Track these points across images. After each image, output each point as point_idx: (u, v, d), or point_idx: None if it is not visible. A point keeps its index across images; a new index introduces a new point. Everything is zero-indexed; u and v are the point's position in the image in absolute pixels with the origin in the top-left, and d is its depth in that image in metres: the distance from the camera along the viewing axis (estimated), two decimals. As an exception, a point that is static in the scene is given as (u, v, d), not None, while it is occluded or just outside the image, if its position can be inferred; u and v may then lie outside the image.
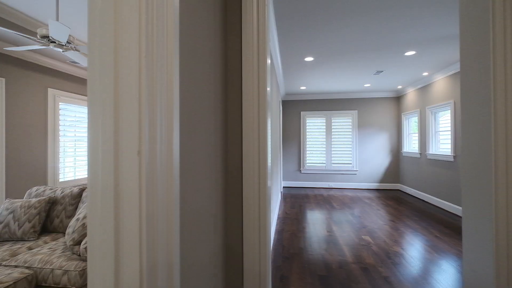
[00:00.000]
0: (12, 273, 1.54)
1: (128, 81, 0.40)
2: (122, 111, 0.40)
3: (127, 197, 0.40)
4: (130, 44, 0.40)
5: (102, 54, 0.40)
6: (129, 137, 0.39)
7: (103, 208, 0.41)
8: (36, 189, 2.45)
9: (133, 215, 0.39)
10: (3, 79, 3.28)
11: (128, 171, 0.39)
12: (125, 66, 0.40)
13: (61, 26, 1.83)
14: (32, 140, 3.66)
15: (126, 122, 0.40)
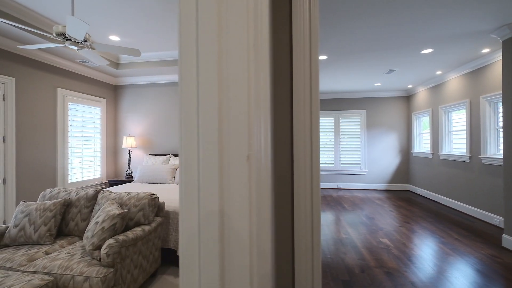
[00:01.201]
0: (32, 280, 1.47)
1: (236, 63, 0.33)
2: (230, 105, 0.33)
3: (235, 214, 0.33)
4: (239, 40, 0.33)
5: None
6: (237, 138, 0.32)
7: (206, 229, 0.34)
8: (50, 191, 2.39)
9: (243, 238, 0.32)
10: (13, 78, 3.22)
11: (236, 180, 0.32)
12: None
13: (80, 22, 1.77)
14: (41, 140, 3.60)
15: (235, 121, 0.33)
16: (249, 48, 0.33)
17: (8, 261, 1.75)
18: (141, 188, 3.46)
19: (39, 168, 3.55)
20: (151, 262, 2.12)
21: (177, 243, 2.41)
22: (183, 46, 0.35)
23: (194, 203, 0.34)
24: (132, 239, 1.87)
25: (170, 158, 4.43)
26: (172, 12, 2.93)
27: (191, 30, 0.34)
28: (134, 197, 2.21)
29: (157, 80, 4.82)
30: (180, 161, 0.35)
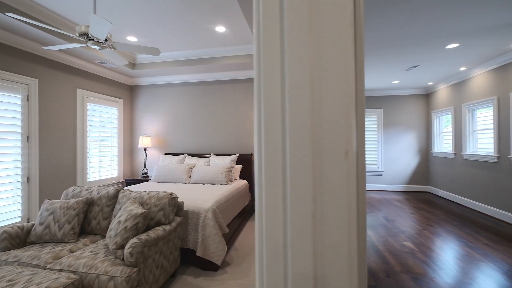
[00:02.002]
0: (59, 278, 1.48)
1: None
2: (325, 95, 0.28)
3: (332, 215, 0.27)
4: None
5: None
6: (335, 132, 0.27)
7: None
8: (73, 189, 2.42)
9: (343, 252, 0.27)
10: (36, 79, 3.31)
11: (333, 178, 0.27)
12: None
13: (103, 21, 1.77)
14: (62, 140, 3.69)
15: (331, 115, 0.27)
16: (347, 25, 0.28)
17: (35, 258, 1.78)
18: (158, 187, 3.47)
19: (60, 167, 3.63)
20: (171, 262, 2.11)
21: (196, 243, 2.39)
22: (265, 27, 0.30)
23: (278, 207, 0.29)
24: (154, 239, 1.86)
25: (185, 158, 4.44)
26: (193, 11, 2.92)
27: (274, 14, 0.29)
28: (155, 196, 2.21)
29: (172, 80, 4.85)
30: (259, 161, 0.30)
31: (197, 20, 3.15)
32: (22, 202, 3.11)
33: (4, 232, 1.91)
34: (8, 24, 2.71)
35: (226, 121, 4.65)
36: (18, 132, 3.08)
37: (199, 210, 2.47)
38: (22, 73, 3.14)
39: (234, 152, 4.60)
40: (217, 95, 4.70)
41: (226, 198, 3.01)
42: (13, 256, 1.81)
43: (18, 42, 3.05)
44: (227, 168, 3.83)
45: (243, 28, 3.39)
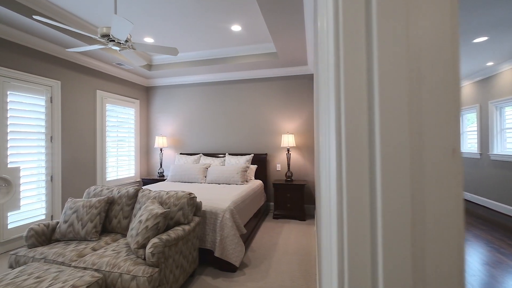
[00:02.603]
0: (83, 276, 1.49)
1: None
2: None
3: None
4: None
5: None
6: (441, 127, 0.22)
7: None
8: (94, 188, 2.47)
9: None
10: (59, 81, 3.41)
11: (437, 179, 0.22)
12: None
13: (124, 21, 1.78)
14: (83, 140, 3.79)
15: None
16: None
17: (60, 255, 1.81)
18: (174, 187, 3.50)
19: (80, 166, 3.73)
20: (190, 262, 2.10)
21: (214, 244, 2.38)
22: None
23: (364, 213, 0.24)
24: (174, 239, 1.85)
25: (201, 158, 4.46)
26: (210, 10, 2.91)
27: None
28: (173, 196, 2.21)
29: (187, 80, 4.89)
30: (338, 162, 0.26)
31: (214, 20, 3.14)
32: (46, 200, 3.22)
33: (31, 230, 1.97)
34: (34, 28, 2.81)
35: (241, 121, 4.63)
36: (42, 132, 3.19)
37: (217, 210, 2.45)
38: (46, 75, 3.25)
39: (249, 152, 4.57)
40: (232, 94, 4.69)
41: (243, 199, 2.98)
42: (39, 253, 1.86)
43: (42, 46, 3.16)
44: (242, 168, 3.80)
45: (259, 27, 3.35)
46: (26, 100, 3.01)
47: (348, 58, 0.25)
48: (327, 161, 0.31)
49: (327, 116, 0.30)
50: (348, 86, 0.25)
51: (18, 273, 1.53)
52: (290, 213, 3.94)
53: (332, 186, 0.27)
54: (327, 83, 0.30)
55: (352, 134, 0.25)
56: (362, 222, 0.25)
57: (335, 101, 0.26)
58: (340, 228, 0.26)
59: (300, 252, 2.76)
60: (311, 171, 4.30)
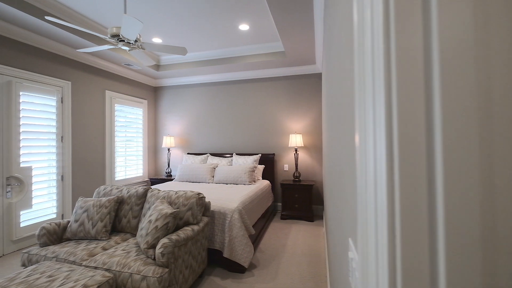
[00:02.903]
0: (94, 276, 1.49)
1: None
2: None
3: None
4: None
5: None
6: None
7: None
8: (104, 187, 2.49)
9: None
10: (69, 82, 3.45)
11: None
12: None
13: (134, 21, 1.78)
14: (92, 140, 3.83)
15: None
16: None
17: (71, 254, 1.82)
18: (182, 186, 3.50)
19: (90, 166, 3.77)
20: (199, 263, 2.09)
21: (223, 244, 2.36)
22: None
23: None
24: (184, 239, 1.84)
25: (208, 157, 4.46)
26: (218, 9, 2.89)
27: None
28: (182, 196, 2.20)
29: (195, 80, 4.90)
30: (389, 166, 0.23)
31: (222, 19, 3.12)
32: (57, 199, 3.26)
33: (43, 228, 1.99)
34: (45, 29, 2.85)
35: (248, 121, 4.61)
36: (53, 132, 3.24)
37: (225, 210, 2.43)
38: (57, 76, 3.29)
39: (256, 152, 4.55)
40: (239, 94, 4.68)
41: (251, 199, 2.96)
42: (51, 251, 1.88)
43: (53, 47, 3.20)
44: (250, 168, 3.78)
45: (267, 26, 3.32)
46: (37, 100, 3.06)
47: (401, 33, 0.22)
48: (366, 162, 0.28)
49: (368, 112, 0.27)
50: (401, 79, 0.22)
51: (31, 271, 1.54)
52: (298, 213, 3.90)
53: (380, 190, 0.25)
54: (370, 76, 0.27)
55: (407, 130, 0.22)
56: (419, 233, 0.22)
57: (384, 95, 0.24)
58: (392, 241, 0.24)
59: (309, 253, 2.72)
60: (319, 171, 4.25)
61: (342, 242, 0.71)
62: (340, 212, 0.79)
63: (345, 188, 0.67)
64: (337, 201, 0.96)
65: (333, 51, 1.04)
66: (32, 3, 2.56)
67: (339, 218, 0.79)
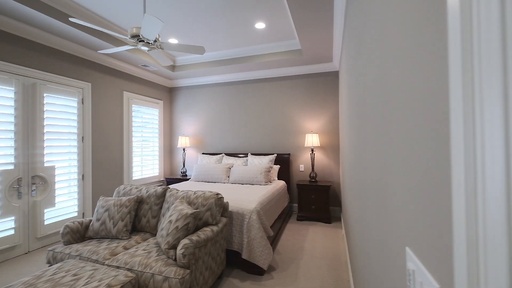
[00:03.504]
0: (117, 276, 1.49)
1: None
2: None
3: None
4: None
5: None
6: None
7: None
8: (124, 187, 2.51)
9: None
10: (90, 83, 3.53)
11: None
12: None
13: (155, 20, 1.78)
14: (111, 140, 3.91)
15: None
16: None
17: (94, 253, 1.84)
18: (198, 186, 3.50)
19: (108, 165, 3.85)
20: (218, 264, 2.06)
21: (241, 245, 2.33)
22: None
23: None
24: (204, 240, 1.82)
25: (223, 157, 4.45)
26: (235, 8, 2.87)
27: None
28: (201, 196, 2.18)
29: (209, 80, 4.91)
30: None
31: (238, 17, 3.10)
32: (78, 198, 3.34)
33: (66, 227, 2.03)
34: (67, 32, 2.92)
35: (263, 121, 4.56)
36: (74, 133, 3.32)
37: (243, 211, 2.40)
38: (78, 77, 3.38)
39: (271, 152, 4.50)
40: (253, 94, 4.64)
41: (268, 200, 2.91)
42: (75, 250, 1.91)
43: (74, 49, 3.28)
44: (266, 168, 3.73)
45: (283, 23, 3.26)
46: (59, 101, 3.15)
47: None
48: (484, 165, 0.23)
49: (483, 105, 0.22)
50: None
51: (56, 269, 1.57)
52: (315, 215, 3.81)
53: (499, 191, 0.19)
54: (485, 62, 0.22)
55: None
56: None
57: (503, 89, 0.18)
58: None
59: (328, 256, 2.64)
60: (336, 172, 4.14)
61: (392, 249, 0.65)
62: (385, 217, 0.72)
63: (395, 192, 0.61)
64: (376, 204, 0.90)
65: (372, 44, 0.97)
66: (56, 7, 2.62)
67: (386, 224, 0.72)
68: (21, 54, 2.76)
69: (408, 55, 0.50)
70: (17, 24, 2.65)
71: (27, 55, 2.81)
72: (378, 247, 0.84)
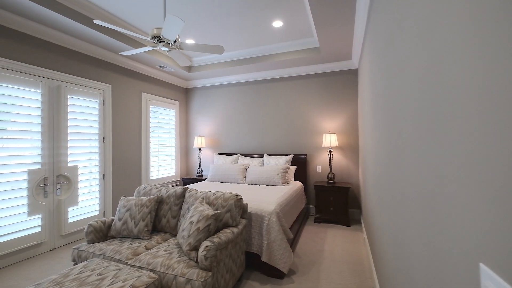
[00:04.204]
0: (141, 277, 1.49)
1: None
2: None
3: None
4: None
5: None
6: None
7: None
8: (144, 187, 2.54)
9: None
10: (110, 85, 3.61)
11: None
12: None
13: (177, 19, 1.77)
14: (130, 140, 3.98)
15: None
16: None
17: (117, 253, 1.86)
18: (216, 187, 3.49)
19: (128, 165, 3.93)
20: (238, 266, 2.03)
21: (260, 248, 2.28)
22: None
23: None
24: (225, 242, 1.79)
25: (239, 158, 4.43)
26: (254, 7, 2.83)
27: None
28: (221, 197, 2.16)
29: (225, 80, 4.90)
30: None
31: (255, 16, 3.06)
32: (99, 197, 3.43)
33: (90, 226, 2.06)
34: (89, 35, 3.00)
35: (279, 121, 4.50)
36: (96, 133, 3.40)
37: (263, 213, 2.35)
38: (99, 79, 3.46)
39: (288, 152, 4.43)
40: (269, 94, 4.59)
41: (287, 201, 2.85)
42: (98, 249, 1.93)
43: (96, 52, 3.37)
44: (283, 169, 3.67)
45: (301, 21, 3.19)
46: (82, 103, 3.24)
47: None
48: None
49: None
50: None
51: (82, 268, 1.59)
52: (333, 217, 3.70)
53: None
54: None
55: None
56: None
57: None
58: None
59: (350, 261, 2.54)
60: (355, 173, 4.01)
61: (456, 265, 0.58)
62: (443, 230, 0.65)
63: (460, 202, 0.54)
64: (425, 215, 0.82)
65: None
66: (80, 11, 2.69)
67: (442, 237, 0.65)
68: (47, 57, 2.86)
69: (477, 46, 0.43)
70: (42, 28, 2.74)
71: (52, 58, 2.91)
72: (429, 262, 0.76)
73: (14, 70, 2.56)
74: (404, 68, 1.00)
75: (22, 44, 2.64)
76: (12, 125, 2.54)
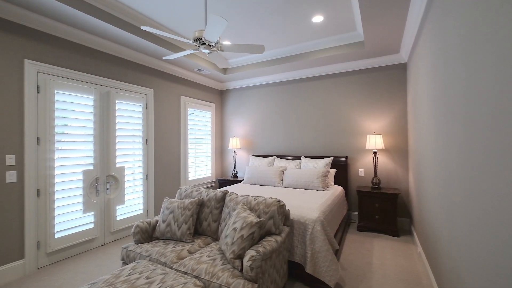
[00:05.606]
0: (187, 284, 1.46)
1: None
2: None
3: None
4: None
5: None
6: None
7: None
8: (185, 189, 2.56)
9: None
10: (152, 89, 3.77)
11: None
12: None
13: (220, 19, 1.72)
14: (170, 142, 4.11)
15: None
16: None
17: (162, 255, 1.88)
18: (252, 189, 3.43)
19: (168, 166, 4.06)
20: (281, 277, 1.92)
21: (304, 258, 2.14)
22: None
23: None
24: (270, 252, 1.69)
25: (275, 160, 4.32)
26: (293, 2, 2.70)
27: None
28: (262, 202, 2.07)
29: (259, 81, 4.84)
30: None
31: (294, 12, 2.92)
32: (142, 196, 3.59)
33: (137, 227, 2.13)
34: (134, 42, 3.14)
35: (316, 121, 4.29)
36: (140, 135, 3.57)
37: (305, 220, 2.21)
38: (142, 84, 3.63)
39: (326, 155, 4.19)
40: (305, 93, 4.40)
41: (330, 208, 2.66)
42: (145, 250, 1.98)
43: (139, 58, 3.53)
44: (322, 172, 3.47)
45: (344, 14, 2.96)
46: (128, 107, 3.42)
47: None
48: None
49: None
50: None
51: (131, 270, 1.61)
52: (379, 226, 3.39)
53: None
54: None
55: None
56: None
57: None
58: None
59: (404, 278, 2.27)
60: (403, 178, 3.63)
61: None
62: None
63: None
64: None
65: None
66: (125, 19, 2.83)
67: None
68: (97, 65, 3.06)
69: None
70: (94, 38, 2.94)
71: (102, 66, 3.11)
72: None
73: (71, 79, 2.78)
74: (506, 56, 0.79)
75: (77, 54, 2.86)
76: (69, 129, 2.76)
